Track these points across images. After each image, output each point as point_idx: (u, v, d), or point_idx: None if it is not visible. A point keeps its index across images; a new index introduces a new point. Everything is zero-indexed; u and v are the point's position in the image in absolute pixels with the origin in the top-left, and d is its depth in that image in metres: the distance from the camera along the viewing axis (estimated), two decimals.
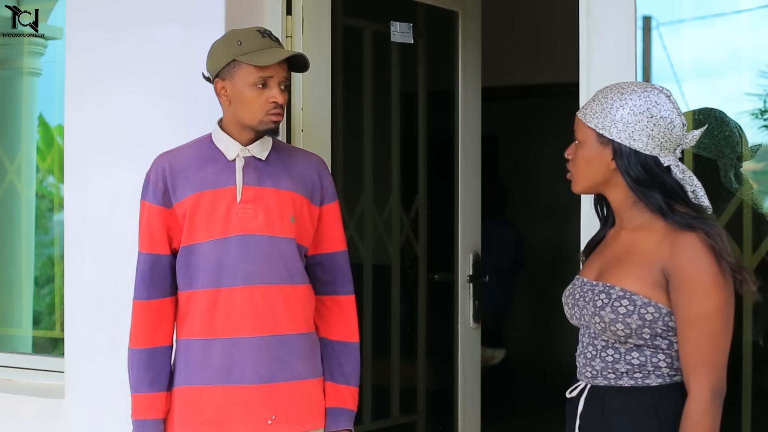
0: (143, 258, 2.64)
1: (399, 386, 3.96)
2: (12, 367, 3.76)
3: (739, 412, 2.78)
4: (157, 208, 2.61)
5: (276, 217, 2.58)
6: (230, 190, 2.58)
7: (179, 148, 2.70)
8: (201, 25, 3.15)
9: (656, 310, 2.05)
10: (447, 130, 3.92)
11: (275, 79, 2.54)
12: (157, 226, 2.61)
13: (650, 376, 2.09)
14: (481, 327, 3.91)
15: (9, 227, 4.26)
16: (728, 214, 2.78)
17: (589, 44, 2.70)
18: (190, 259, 2.60)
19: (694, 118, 2.83)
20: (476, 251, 3.85)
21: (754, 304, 2.12)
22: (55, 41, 4.13)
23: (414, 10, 3.85)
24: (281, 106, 2.56)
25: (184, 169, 2.61)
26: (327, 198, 2.70)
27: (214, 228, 2.57)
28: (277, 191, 2.60)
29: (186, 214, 2.59)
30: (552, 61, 6.14)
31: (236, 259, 2.56)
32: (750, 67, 2.99)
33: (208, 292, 2.57)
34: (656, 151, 2.09)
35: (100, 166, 3.38)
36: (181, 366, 2.62)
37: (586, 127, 2.15)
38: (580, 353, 2.21)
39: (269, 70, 2.53)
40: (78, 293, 3.43)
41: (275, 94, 2.54)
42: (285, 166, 2.64)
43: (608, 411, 2.11)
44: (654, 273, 2.06)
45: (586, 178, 2.18)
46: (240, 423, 2.56)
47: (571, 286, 2.25)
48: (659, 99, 2.10)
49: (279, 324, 2.57)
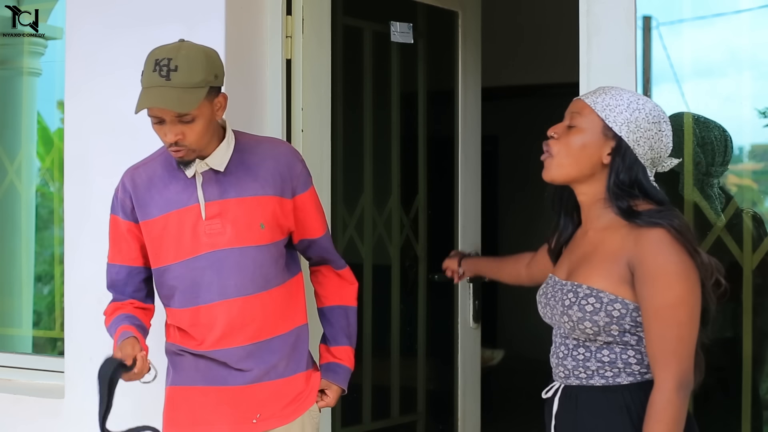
0: (111, 269, 2.69)
1: (399, 386, 3.96)
2: (12, 367, 3.76)
3: (739, 412, 2.79)
4: (126, 223, 2.63)
5: (244, 228, 2.55)
6: (194, 208, 2.55)
7: (145, 162, 2.67)
8: (201, 25, 3.15)
9: (623, 306, 2.06)
10: (447, 130, 3.92)
11: (167, 117, 2.43)
12: (129, 240, 2.64)
13: (621, 374, 2.09)
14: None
15: (9, 227, 4.26)
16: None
17: (589, 44, 2.70)
18: (163, 280, 2.61)
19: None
20: (476, 251, 3.85)
21: (719, 296, 2.12)
22: (55, 41, 4.13)
23: (414, 10, 3.85)
24: (177, 144, 2.45)
25: (149, 188, 2.59)
26: (299, 188, 2.64)
27: (183, 248, 2.56)
28: (242, 200, 2.56)
29: (153, 236, 2.59)
30: (552, 61, 6.13)
31: (210, 277, 2.55)
32: (750, 67, 2.99)
33: (188, 311, 2.59)
34: (647, 163, 2.11)
35: (100, 166, 3.37)
36: (170, 368, 2.68)
37: (594, 114, 2.13)
38: (553, 353, 2.22)
39: (153, 110, 2.44)
40: (78, 293, 3.43)
41: (165, 132, 2.45)
42: (248, 170, 2.58)
43: (581, 411, 2.12)
44: (620, 268, 2.07)
45: (573, 164, 2.14)
46: (226, 423, 2.60)
47: (544, 285, 2.26)
48: (666, 117, 2.12)
49: (260, 331, 2.59)
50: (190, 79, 2.40)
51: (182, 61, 2.41)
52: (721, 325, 2.89)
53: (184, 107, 2.40)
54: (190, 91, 2.41)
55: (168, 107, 2.40)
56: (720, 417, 2.93)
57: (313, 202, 2.70)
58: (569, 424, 2.14)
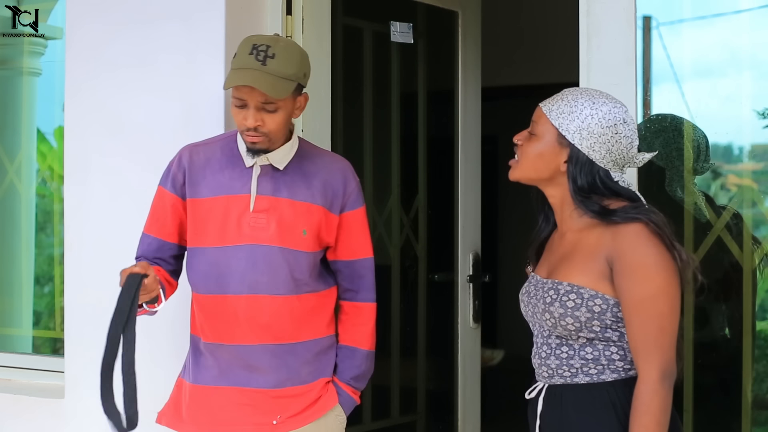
0: (145, 239, 2.69)
1: (399, 386, 3.96)
2: (12, 367, 3.76)
3: (739, 412, 2.79)
4: (172, 197, 2.63)
5: (287, 229, 2.57)
6: (244, 198, 2.57)
7: (206, 143, 2.70)
8: (201, 24, 3.15)
9: (603, 302, 2.07)
10: (447, 130, 3.92)
11: (251, 102, 2.47)
12: (170, 214, 2.64)
13: (605, 371, 2.10)
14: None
15: (9, 227, 4.26)
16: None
17: (589, 44, 2.70)
18: (196, 262, 2.62)
19: (650, 124, 2.86)
20: (476, 251, 3.85)
21: (697, 292, 2.13)
22: (55, 41, 4.13)
23: (414, 10, 3.85)
24: (256, 130, 2.49)
25: (204, 168, 2.61)
26: (349, 206, 2.65)
27: (224, 235, 2.57)
28: (292, 202, 2.58)
29: (197, 216, 2.59)
30: (552, 61, 6.13)
31: (244, 268, 2.55)
32: (750, 67, 2.99)
33: (214, 298, 2.59)
34: (609, 165, 2.11)
35: (100, 166, 3.38)
36: (192, 362, 2.67)
37: (549, 122, 2.15)
38: (534, 354, 2.22)
39: (241, 92, 2.47)
40: (78, 293, 3.43)
41: (246, 116, 2.48)
42: (305, 176, 2.61)
43: (566, 409, 2.12)
44: (599, 264, 2.08)
45: (531, 170, 2.18)
46: (247, 424, 2.59)
47: (527, 284, 2.27)
48: (626, 117, 2.12)
49: (284, 333, 2.59)
50: (284, 70, 2.46)
51: (280, 51, 2.47)
52: (721, 325, 2.89)
53: (275, 93, 2.44)
54: (283, 80, 2.46)
55: (261, 89, 2.43)
56: (720, 417, 2.93)
57: (360, 222, 2.69)
58: (555, 423, 2.14)
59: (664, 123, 2.93)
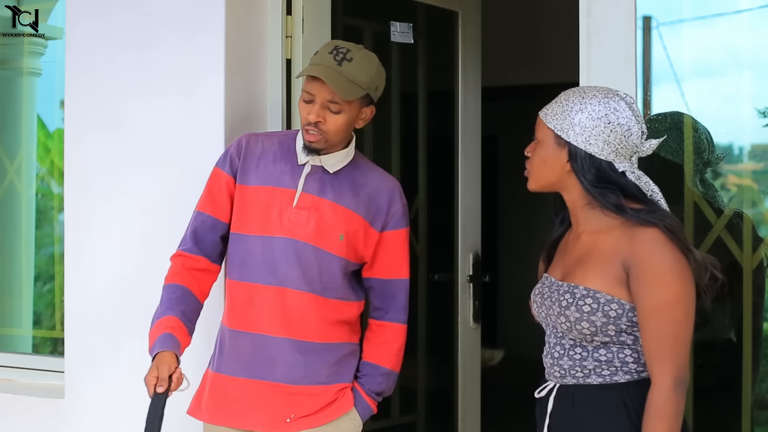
0: (199, 216, 2.71)
1: (399, 386, 3.95)
2: (12, 367, 3.76)
3: (739, 412, 2.79)
4: (228, 177, 2.69)
5: (325, 231, 2.60)
6: (290, 193, 2.62)
7: (267, 134, 2.79)
8: (201, 24, 3.15)
9: (619, 307, 2.08)
10: (447, 130, 3.92)
11: (318, 98, 2.54)
12: (225, 194, 2.68)
13: (618, 372, 2.11)
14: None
15: (9, 227, 4.26)
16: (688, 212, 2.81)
17: (589, 44, 2.70)
18: (235, 248, 2.66)
19: (657, 123, 2.85)
20: (476, 251, 3.85)
21: (718, 294, 2.13)
22: (55, 41, 4.13)
23: (414, 10, 3.85)
24: (316, 126, 2.55)
25: (260, 157, 2.67)
26: (391, 225, 2.67)
27: (264, 225, 2.62)
28: (335, 206, 2.62)
29: (242, 202, 2.65)
30: (552, 61, 6.13)
31: (278, 260, 2.60)
32: (750, 67, 2.99)
33: (244, 285, 2.64)
34: (611, 156, 2.12)
35: (100, 166, 3.38)
36: (217, 350, 2.72)
37: (545, 127, 2.18)
38: (546, 354, 2.23)
39: (311, 86, 2.55)
40: (78, 293, 3.43)
41: (310, 111, 2.55)
42: (354, 185, 2.65)
43: (578, 409, 2.13)
44: (615, 269, 2.09)
45: (540, 177, 2.21)
46: (260, 418, 2.63)
47: (540, 285, 2.28)
48: (619, 106, 2.12)
49: (308, 331, 2.62)
50: (357, 75, 2.54)
51: (358, 58, 2.56)
52: (721, 324, 2.89)
53: (342, 92, 2.52)
54: (353, 84, 2.54)
55: (330, 84, 2.50)
56: (720, 417, 2.93)
57: (401, 243, 2.71)
58: (567, 423, 2.15)
59: (679, 120, 2.90)
